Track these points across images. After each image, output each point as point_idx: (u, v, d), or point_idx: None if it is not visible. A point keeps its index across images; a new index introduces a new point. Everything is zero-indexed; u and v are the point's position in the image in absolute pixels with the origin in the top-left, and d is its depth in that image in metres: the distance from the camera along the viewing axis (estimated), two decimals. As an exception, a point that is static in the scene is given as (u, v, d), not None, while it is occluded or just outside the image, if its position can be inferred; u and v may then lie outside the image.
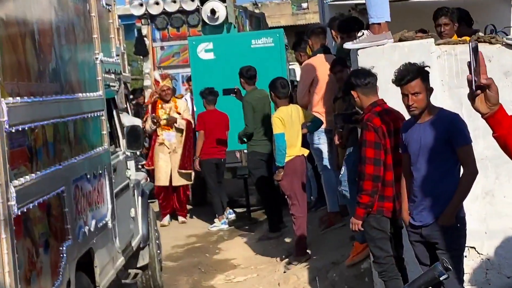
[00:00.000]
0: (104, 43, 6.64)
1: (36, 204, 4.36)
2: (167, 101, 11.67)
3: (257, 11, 25.33)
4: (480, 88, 2.93)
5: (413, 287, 2.46)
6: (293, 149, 8.35)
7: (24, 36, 4.44)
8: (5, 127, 3.94)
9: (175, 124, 11.59)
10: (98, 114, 6.13)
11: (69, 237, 4.96)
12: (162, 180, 11.48)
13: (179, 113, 11.61)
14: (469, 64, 2.91)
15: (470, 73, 2.91)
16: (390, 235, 5.71)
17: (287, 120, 8.26)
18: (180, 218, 11.80)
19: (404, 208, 5.32)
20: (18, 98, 4.18)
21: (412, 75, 5.01)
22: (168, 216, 11.66)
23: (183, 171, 11.50)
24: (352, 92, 5.72)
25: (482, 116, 3.00)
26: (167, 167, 11.47)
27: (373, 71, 5.83)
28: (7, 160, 3.95)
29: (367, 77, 5.73)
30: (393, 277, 5.62)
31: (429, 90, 5.09)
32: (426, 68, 5.11)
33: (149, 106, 12.13)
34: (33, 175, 4.33)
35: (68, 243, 4.90)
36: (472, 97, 2.93)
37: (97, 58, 6.26)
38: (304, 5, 33.31)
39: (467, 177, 5.07)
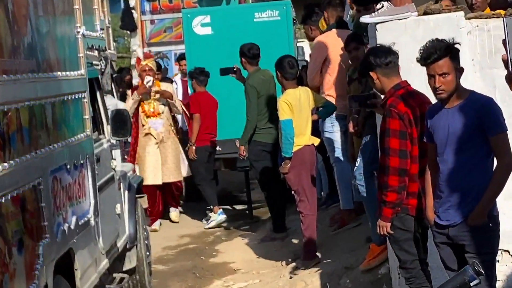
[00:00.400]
0: (86, 15, 6.64)
1: (9, 198, 4.37)
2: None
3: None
4: None
5: (439, 294, 2.45)
6: (302, 138, 8.33)
7: (-5, 6, 4.45)
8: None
9: (174, 108, 11.17)
10: (80, 96, 6.14)
11: (47, 235, 4.96)
12: (150, 178, 10.94)
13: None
14: (504, 42, 2.87)
15: (506, 52, 2.87)
16: (418, 236, 5.67)
17: (295, 105, 8.24)
18: (173, 211, 11.62)
19: (428, 205, 5.29)
20: (-11, 76, 4.19)
21: (439, 53, 4.98)
22: (158, 221, 11.38)
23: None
24: (371, 74, 5.64)
25: None
26: (157, 162, 11.00)
27: (394, 48, 5.79)
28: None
29: (388, 56, 5.65)
30: (422, 284, 5.60)
31: (459, 71, 5.07)
32: (456, 45, 5.08)
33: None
34: (5, 164, 4.33)
35: (45, 242, 4.90)
36: (509, 79, 2.90)
37: (78, 32, 6.24)
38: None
39: (502, 169, 5.03)
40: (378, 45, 5.98)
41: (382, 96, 5.82)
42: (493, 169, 5.07)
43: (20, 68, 4.75)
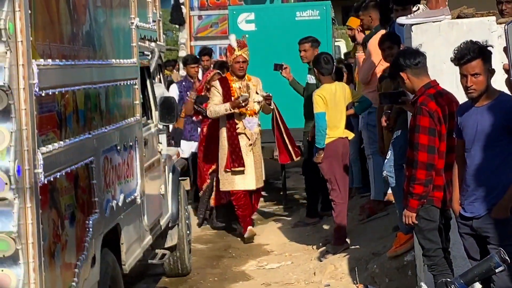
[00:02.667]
0: (140, 7, 6.67)
1: (64, 174, 4.41)
2: (241, 77, 9.40)
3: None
4: None
5: (467, 278, 2.44)
6: (336, 130, 8.32)
7: (58, -3, 4.48)
8: (35, 90, 3.97)
9: (268, 108, 9.44)
10: (131, 83, 6.18)
11: (96, 210, 5.01)
12: (241, 183, 9.32)
13: (257, 93, 9.41)
14: (505, 49, 2.78)
15: (508, 59, 2.78)
16: (441, 226, 5.66)
17: (329, 99, 8.23)
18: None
19: (455, 197, 5.28)
20: (49, 60, 4.23)
21: (473, 55, 4.96)
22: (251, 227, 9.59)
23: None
24: (401, 74, 5.62)
25: None
26: (249, 165, 9.30)
27: (421, 50, 5.77)
28: (36, 125, 4.00)
29: (417, 57, 5.62)
30: (443, 271, 5.58)
31: (491, 72, 5.04)
32: (489, 48, 5.05)
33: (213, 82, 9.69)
34: (61, 142, 4.38)
35: (94, 217, 4.96)
36: (509, 84, 2.82)
37: (132, 23, 6.30)
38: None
39: None
40: (406, 47, 5.93)
41: (411, 95, 5.80)
42: None
43: (78, 54, 4.79)
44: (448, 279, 2.37)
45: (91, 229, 4.85)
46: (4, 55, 3.83)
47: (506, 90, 5.31)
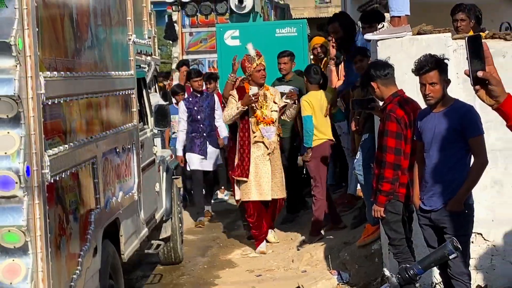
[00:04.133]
0: (137, 25, 6.65)
1: (68, 174, 4.40)
2: (262, 85, 8.40)
3: (282, 2, 25.19)
4: (478, 83, 2.80)
5: (424, 264, 2.45)
6: (324, 133, 8.35)
7: (63, 16, 4.48)
8: (42, 99, 3.97)
9: (287, 111, 8.45)
10: (129, 92, 6.16)
11: (98, 206, 5.00)
12: (256, 193, 8.25)
13: (275, 103, 8.44)
14: (467, 58, 2.81)
15: (468, 67, 2.81)
16: (405, 219, 5.69)
17: (316, 104, 8.22)
18: (270, 233, 8.70)
19: (415, 193, 5.32)
20: (55, 72, 4.23)
21: (431, 66, 5.01)
22: (264, 242, 8.46)
23: None
24: (372, 84, 5.66)
25: (492, 108, 2.93)
26: (266, 175, 8.25)
27: (389, 62, 5.80)
28: (43, 131, 3.99)
29: (386, 68, 5.67)
30: (407, 259, 5.61)
31: (446, 82, 5.09)
32: (445, 61, 5.10)
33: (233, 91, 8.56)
34: (66, 146, 4.37)
35: (96, 212, 4.95)
36: (475, 90, 2.85)
37: (130, 39, 6.27)
38: (327, -1, 33.15)
39: (478, 166, 5.05)
40: (377, 59, 5.96)
41: (381, 102, 5.83)
42: (470, 165, 5.09)
43: (81, 67, 4.79)
44: (408, 265, 2.38)
45: (93, 223, 4.84)
46: (14, 68, 3.83)
47: (459, 98, 5.36)
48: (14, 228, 3.90)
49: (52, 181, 4.08)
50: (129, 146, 6.05)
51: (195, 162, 10.13)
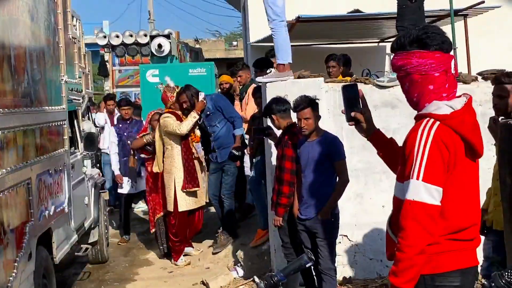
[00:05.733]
0: (69, 67, 6.57)
1: (5, 193, 4.29)
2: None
3: (197, 46, 25.26)
4: (350, 120, 2.90)
5: (285, 272, 2.51)
6: None
7: (2, 60, 4.38)
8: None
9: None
10: (61, 123, 6.06)
11: (32, 219, 4.88)
12: (200, 199, 7.77)
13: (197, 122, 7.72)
14: (343, 101, 2.91)
15: (344, 107, 2.92)
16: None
17: None
18: (189, 250, 8.02)
19: (295, 205, 5.41)
20: (-6, 109, 4.13)
21: (304, 104, 5.12)
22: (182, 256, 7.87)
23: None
24: (273, 116, 5.63)
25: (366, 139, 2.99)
26: (203, 184, 7.85)
27: (287, 99, 5.77)
28: (-18, 158, 3.90)
29: (285, 104, 5.65)
30: (294, 259, 5.67)
31: (318, 117, 5.20)
32: (316, 100, 5.22)
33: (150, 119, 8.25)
34: (4, 170, 4.28)
35: (31, 224, 4.83)
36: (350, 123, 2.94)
37: (62, 79, 6.19)
38: (235, 43, 33.38)
39: (341, 184, 5.19)
40: (277, 96, 5.85)
41: (278, 130, 5.80)
42: (336, 183, 5.23)
43: (18, 104, 4.69)
44: (273, 273, 2.43)
45: (27, 233, 4.72)
46: (-43, 106, 3.74)
47: (329, 129, 5.46)
48: (-44, 240, 3.80)
49: (-10, 199, 3.99)
50: (60, 168, 5.94)
51: (126, 186, 9.23)
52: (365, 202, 6.37)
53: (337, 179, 5.21)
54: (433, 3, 7.75)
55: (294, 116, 5.45)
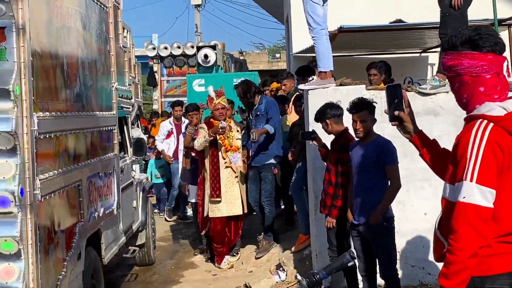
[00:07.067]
0: (119, 75, 6.61)
1: (57, 194, 4.32)
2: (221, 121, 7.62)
3: (241, 58, 25.34)
4: (395, 120, 2.80)
5: (327, 270, 2.44)
6: None
7: (55, 67, 4.43)
8: (35, 135, 3.91)
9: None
10: (111, 128, 6.09)
11: (82, 220, 4.91)
12: (232, 209, 7.59)
13: (238, 132, 7.84)
14: (386, 101, 2.83)
15: (388, 107, 2.83)
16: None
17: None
18: (229, 259, 7.84)
19: (349, 209, 5.15)
20: (47, 113, 4.16)
21: (362, 106, 4.93)
22: (227, 257, 7.79)
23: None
24: (327, 121, 5.47)
25: (408, 140, 2.90)
26: (238, 193, 7.62)
27: (340, 105, 5.60)
28: (35, 159, 3.93)
29: (339, 109, 5.50)
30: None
31: (373, 120, 4.99)
32: (374, 103, 5.02)
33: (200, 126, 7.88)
34: (55, 171, 4.30)
35: (80, 224, 4.86)
36: (392, 122, 2.86)
37: (113, 86, 6.23)
38: (277, 55, 33.41)
39: (393, 189, 4.93)
40: (331, 102, 5.69)
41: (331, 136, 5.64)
42: (387, 188, 4.97)
43: (70, 109, 4.73)
44: (315, 271, 2.36)
45: (77, 233, 4.74)
46: (12, 109, 3.79)
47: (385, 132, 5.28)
48: (9, 238, 3.84)
49: (42, 200, 4.01)
50: (110, 171, 5.95)
51: (193, 194, 8.78)
52: (407, 209, 6.18)
53: (389, 183, 4.97)
54: (477, 13, 7.55)
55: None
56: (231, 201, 7.57)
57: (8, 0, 3.68)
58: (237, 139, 7.72)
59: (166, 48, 16.12)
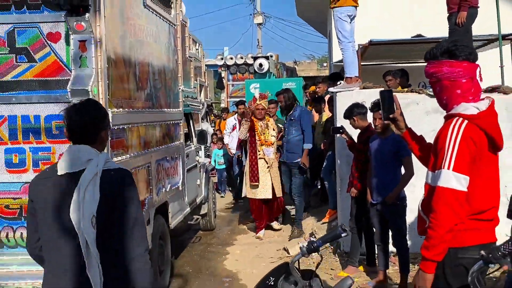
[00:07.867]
0: (185, 80, 6.64)
1: (132, 172, 4.33)
2: (260, 119, 7.58)
3: (294, 66, 25.18)
4: (387, 119, 2.78)
5: (323, 239, 2.37)
6: None
7: (129, 73, 4.46)
8: (110, 126, 3.95)
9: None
10: (178, 122, 6.12)
11: (151, 194, 4.95)
12: (267, 192, 7.50)
13: (274, 130, 7.67)
14: (382, 105, 2.77)
15: (382, 110, 2.79)
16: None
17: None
18: (275, 223, 7.91)
19: (369, 191, 5.13)
20: (120, 109, 4.21)
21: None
22: (263, 230, 7.73)
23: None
24: (354, 117, 5.39)
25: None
26: (269, 181, 7.52)
27: (365, 104, 5.50)
28: (110, 146, 3.98)
29: (364, 108, 5.41)
30: (356, 233, 5.47)
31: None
32: None
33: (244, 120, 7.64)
34: (127, 155, 4.35)
35: (149, 197, 4.90)
36: (387, 122, 2.83)
37: (179, 88, 6.26)
38: (325, 64, 33.01)
39: (408, 176, 4.86)
40: (356, 102, 5.59)
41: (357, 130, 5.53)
42: (402, 175, 4.89)
43: (141, 106, 4.77)
44: (313, 240, 2.30)
45: (146, 204, 4.80)
46: (91, 106, 3.83)
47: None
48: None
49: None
50: (176, 156, 5.99)
51: None
52: (416, 190, 5.95)
53: (403, 171, 4.88)
54: (484, 30, 7.20)
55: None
56: (263, 187, 7.50)
57: (88, 19, 3.73)
58: (271, 136, 7.57)
59: (231, 58, 16.19)
